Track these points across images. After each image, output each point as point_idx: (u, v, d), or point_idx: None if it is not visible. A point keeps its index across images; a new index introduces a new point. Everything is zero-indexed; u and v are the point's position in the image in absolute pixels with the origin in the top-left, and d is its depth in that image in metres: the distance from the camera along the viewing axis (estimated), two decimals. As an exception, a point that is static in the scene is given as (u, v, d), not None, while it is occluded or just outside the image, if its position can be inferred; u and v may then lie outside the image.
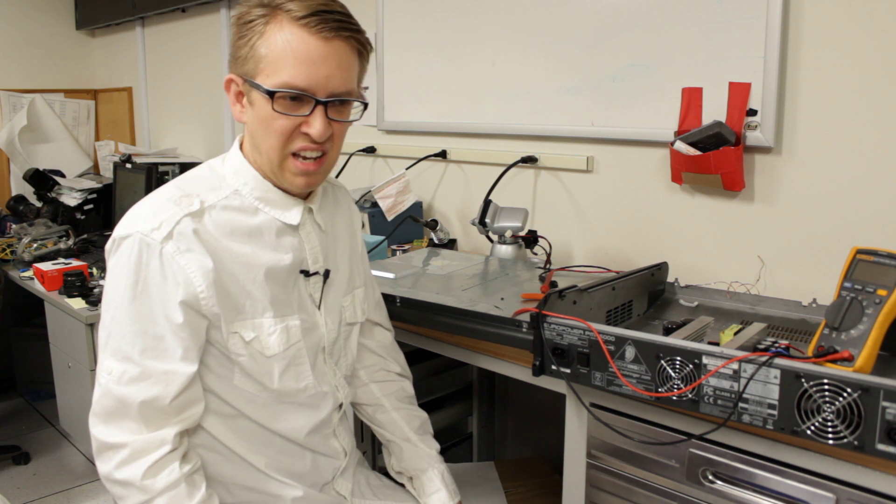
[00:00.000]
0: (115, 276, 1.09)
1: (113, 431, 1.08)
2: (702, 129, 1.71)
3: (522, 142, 2.18)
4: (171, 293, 1.07)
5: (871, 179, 1.53)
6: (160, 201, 1.11)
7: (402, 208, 2.29)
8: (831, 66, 1.56)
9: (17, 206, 3.45)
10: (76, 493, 2.70)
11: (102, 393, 1.08)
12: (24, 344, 3.42)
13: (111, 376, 1.07)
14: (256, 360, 1.15)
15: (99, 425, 1.09)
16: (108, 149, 4.24)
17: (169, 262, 1.07)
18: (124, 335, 1.07)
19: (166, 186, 1.17)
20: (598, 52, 1.94)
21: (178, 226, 1.08)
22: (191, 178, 1.19)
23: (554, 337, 1.25)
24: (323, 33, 1.08)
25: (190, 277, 1.07)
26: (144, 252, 1.07)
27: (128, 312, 1.07)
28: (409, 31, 2.45)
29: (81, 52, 4.36)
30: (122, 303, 1.07)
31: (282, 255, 1.17)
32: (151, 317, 1.07)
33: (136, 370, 1.07)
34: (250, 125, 1.14)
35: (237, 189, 1.16)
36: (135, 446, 1.07)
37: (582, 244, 2.07)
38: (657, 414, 1.22)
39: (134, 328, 1.07)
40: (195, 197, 1.12)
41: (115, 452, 1.07)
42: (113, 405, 1.07)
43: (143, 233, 1.07)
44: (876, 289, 1.08)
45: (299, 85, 1.07)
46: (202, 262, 1.09)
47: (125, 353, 1.07)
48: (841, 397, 0.97)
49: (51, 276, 2.52)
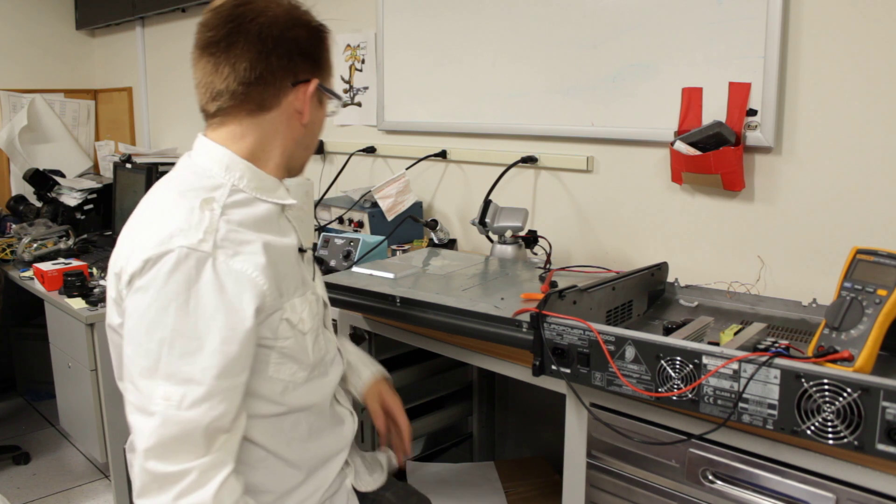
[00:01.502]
0: (157, 297, 1.02)
1: (172, 461, 1.01)
2: (702, 129, 1.71)
3: (522, 142, 2.18)
4: (235, 302, 1.04)
5: (871, 179, 1.53)
6: (186, 210, 1.07)
7: (402, 208, 2.29)
8: (831, 66, 1.56)
9: (17, 206, 3.45)
10: (76, 493, 2.70)
11: (161, 422, 1.00)
12: (24, 344, 3.42)
13: (170, 402, 1.00)
14: (297, 340, 1.17)
15: (153, 460, 1.01)
16: (108, 149, 4.23)
17: (225, 271, 1.04)
18: (182, 356, 1.01)
19: (170, 195, 1.13)
20: (598, 52, 1.94)
21: (220, 232, 1.06)
22: (186, 181, 1.15)
23: (554, 337, 1.25)
24: None
25: (253, 279, 1.06)
26: (194, 266, 1.02)
27: (182, 332, 1.01)
28: (409, 32, 2.46)
29: (81, 52, 4.36)
30: (172, 323, 1.01)
31: (287, 237, 1.19)
32: (209, 332, 1.02)
33: (201, 390, 1.01)
34: (299, 130, 1.19)
35: (234, 184, 1.14)
36: (202, 468, 1.01)
37: (582, 244, 2.07)
38: (657, 414, 1.22)
39: (190, 346, 1.01)
40: (212, 200, 1.10)
41: (177, 482, 1.01)
42: (176, 432, 1.00)
43: (188, 246, 1.02)
44: (876, 289, 1.08)
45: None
46: (254, 260, 1.07)
47: (185, 375, 1.01)
48: (841, 397, 0.97)
49: (51, 276, 2.52)
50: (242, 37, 1.10)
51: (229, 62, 1.11)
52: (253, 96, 1.13)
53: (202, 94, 1.15)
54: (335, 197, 2.57)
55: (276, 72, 1.12)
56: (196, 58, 1.14)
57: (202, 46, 1.13)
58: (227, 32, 1.10)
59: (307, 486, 1.26)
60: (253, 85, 1.12)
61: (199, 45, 1.14)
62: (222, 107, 1.14)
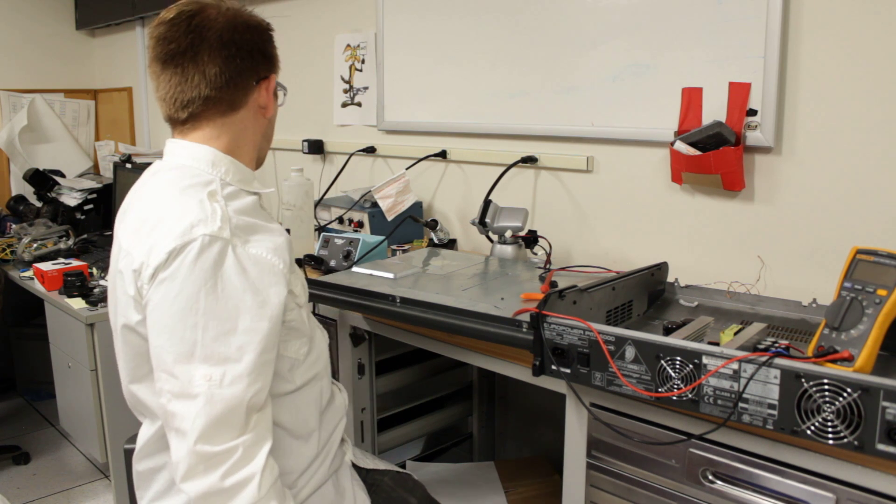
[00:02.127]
0: (186, 284, 1.06)
1: (220, 440, 1.04)
2: (702, 129, 1.71)
3: (522, 142, 2.18)
4: (258, 283, 1.10)
5: (871, 179, 1.53)
6: (197, 202, 1.12)
7: (402, 208, 2.29)
8: (831, 65, 1.56)
9: (17, 206, 3.45)
10: (76, 493, 2.70)
11: (206, 401, 1.04)
12: (24, 344, 3.42)
13: (212, 382, 1.04)
14: (297, 312, 1.22)
15: (202, 442, 1.03)
16: (108, 149, 4.23)
17: (244, 255, 1.10)
18: (216, 337, 1.05)
19: (173, 193, 1.16)
20: (598, 52, 1.94)
21: (232, 219, 1.12)
22: (181, 180, 1.18)
23: (554, 337, 1.25)
24: None
25: (269, 261, 1.12)
26: (217, 252, 1.07)
27: (214, 315, 1.05)
28: (408, 32, 2.45)
29: (81, 52, 4.36)
30: (204, 307, 1.05)
31: (273, 222, 1.24)
32: (240, 312, 1.07)
33: (239, 367, 1.06)
34: (264, 123, 1.28)
35: (221, 178, 1.20)
36: (246, 445, 1.05)
37: (582, 244, 2.07)
38: (657, 414, 1.22)
39: (224, 327, 1.06)
40: (216, 193, 1.16)
41: (224, 461, 1.04)
42: (221, 410, 1.04)
43: (210, 234, 1.07)
44: (876, 289, 1.08)
45: None
46: (265, 244, 1.14)
47: (223, 355, 1.05)
48: (841, 397, 0.97)
49: (51, 276, 2.52)
50: (206, 45, 1.16)
51: (198, 70, 1.17)
52: (224, 98, 1.20)
53: (170, 104, 1.20)
54: (335, 197, 2.57)
55: (242, 72, 1.20)
56: (158, 71, 1.19)
57: (164, 59, 1.18)
58: (190, 43, 1.16)
59: (318, 462, 1.30)
60: (224, 88, 1.19)
61: (160, 59, 1.18)
62: (194, 112, 1.20)
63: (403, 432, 2.10)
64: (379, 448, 1.98)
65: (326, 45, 2.78)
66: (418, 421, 2.14)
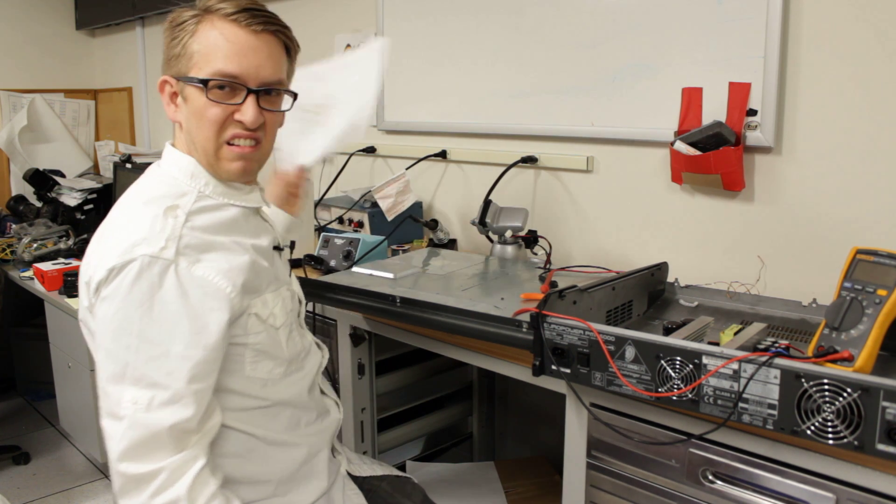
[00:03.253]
0: (123, 305, 1.04)
1: (144, 461, 1.03)
2: (702, 129, 1.71)
3: (522, 142, 2.18)
4: (198, 307, 1.06)
5: (871, 179, 1.53)
6: (149, 219, 1.09)
7: (402, 208, 2.29)
8: (831, 65, 1.56)
9: (17, 206, 3.45)
10: (76, 493, 2.70)
11: (129, 425, 1.03)
12: (24, 344, 3.42)
13: (138, 405, 1.03)
14: (269, 334, 1.19)
15: (125, 461, 1.04)
16: (108, 149, 4.23)
17: (188, 277, 1.06)
18: (147, 360, 1.04)
19: (136, 204, 1.15)
20: (598, 52, 1.94)
21: (183, 239, 1.08)
22: (152, 189, 1.18)
23: (554, 337, 1.25)
24: (252, 27, 1.13)
25: (216, 284, 1.09)
26: (157, 274, 1.04)
27: (147, 337, 1.04)
28: (409, 32, 2.45)
29: (81, 52, 4.36)
30: (138, 329, 1.04)
31: (260, 238, 1.23)
32: (174, 338, 1.05)
33: (167, 394, 1.04)
34: (185, 122, 1.18)
35: (200, 190, 1.17)
36: (172, 467, 1.04)
37: (582, 244, 2.07)
38: (657, 414, 1.22)
39: (156, 351, 1.04)
40: (176, 207, 1.12)
41: (150, 481, 1.03)
42: (143, 434, 1.03)
43: (150, 254, 1.05)
44: (876, 289, 1.08)
45: (231, 72, 1.12)
46: (217, 266, 1.10)
47: (151, 380, 1.04)
48: (841, 397, 0.97)
49: (51, 276, 2.52)
50: None
51: None
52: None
53: None
54: (335, 197, 2.57)
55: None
56: None
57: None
58: None
59: (303, 473, 1.28)
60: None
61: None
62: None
63: (403, 432, 2.10)
64: (379, 448, 1.98)
65: (326, 45, 2.78)
66: (418, 421, 2.14)
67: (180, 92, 1.17)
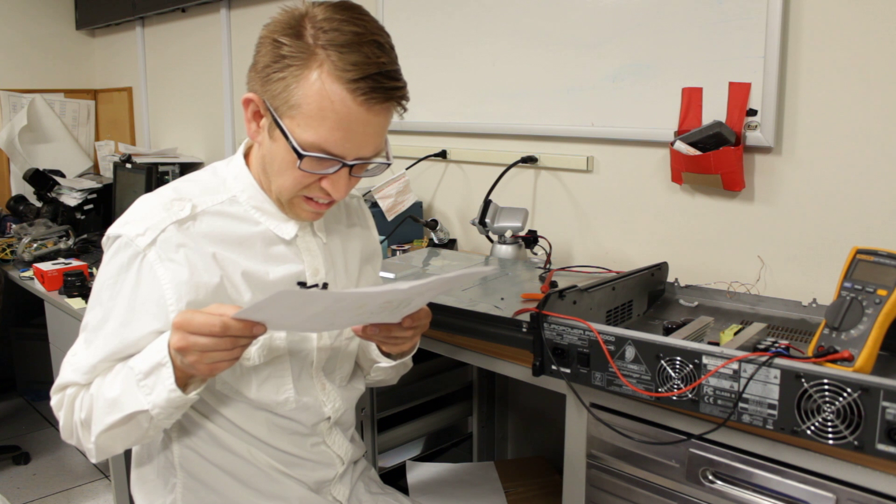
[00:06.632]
0: (102, 272, 1.12)
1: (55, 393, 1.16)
2: (702, 129, 1.71)
3: (522, 142, 2.18)
4: (138, 303, 1.08)
5: (871, 179, 1.53)
6: (152, 205, 1.12)
7: (402, 208, 2.29)
8: (831, 66, 1.56)
9: (17, 206, 3.45)
10: (76, 493, 2.70)
11: (64, 364, 1.15)
12: (24, 344, 3.42)
13: (71, 354, 1.14)
14: (233, 370, 1.13)
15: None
16: (108, 149, 4.23)
17: (147, 271, 1.08)
18: (93, 325, 1.11)
19: (165, 188, 1.17)
20: (598, 52, 1.94)
21: (164, 233, 1.08)
22: (191, 180, 1.19)
23: (554, 337, 1.25)
24: (370, 103, 1.01)
25: (162, 291, 1.07)
26: (128, 256, 1.08)
27: (103, 307, 1.10)
28: (409, 31, 2.45)
29: (81, 52, 4.36)
30: (103, 297, 1.10)
31: (270, 267, 1.15)
32: (112, 316, 1.09)
33: (82, 361, 1.12)
34: (267, 158, 1.10)
35: (235, 195, 1.15)
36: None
37: (582, 244, 2.07)
38: (657, 414, 1.22)
39: (100, 321, 1.10)
40: (187, 201, 1.11)
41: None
42: (61, 379, 1.14)
43: (129, 237, 1.08)
44: (876, 289, 1.08)
45: (332, 151, 1.03)
46: (179, 273, 1.07)
47: (86, 340, 1.12)
48: (841, 397, 0.97)
49: (51, 276, 2.52)
50: None
51: None
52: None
53: None
54: (335, 197, 2.57)
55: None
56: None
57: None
58: None
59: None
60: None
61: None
62: None
63: (403, 432, 2.10)
64: (379, 448, 1.98)
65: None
66: (418, 421, 2.14)
67: (268, 124, 1.07)
